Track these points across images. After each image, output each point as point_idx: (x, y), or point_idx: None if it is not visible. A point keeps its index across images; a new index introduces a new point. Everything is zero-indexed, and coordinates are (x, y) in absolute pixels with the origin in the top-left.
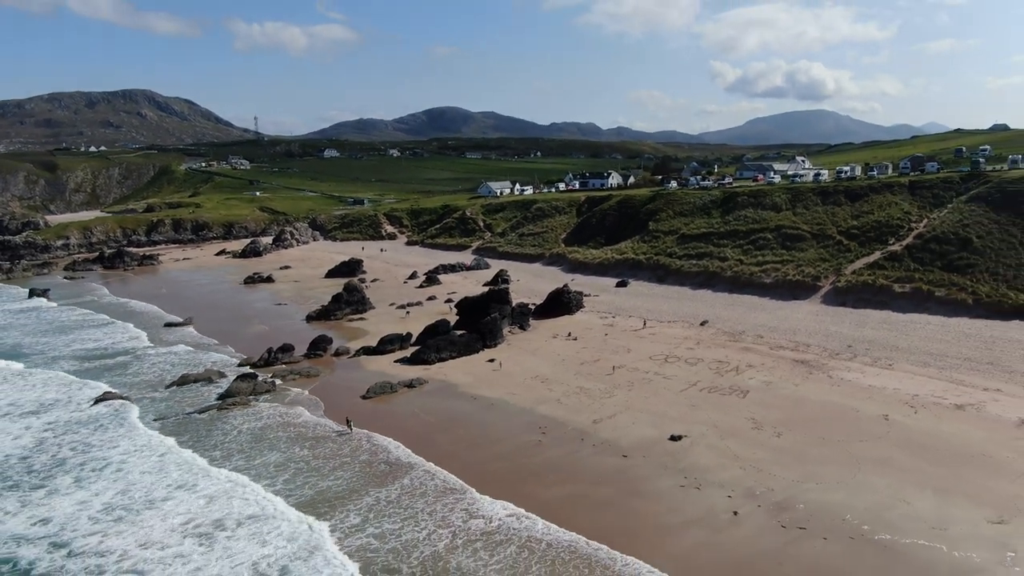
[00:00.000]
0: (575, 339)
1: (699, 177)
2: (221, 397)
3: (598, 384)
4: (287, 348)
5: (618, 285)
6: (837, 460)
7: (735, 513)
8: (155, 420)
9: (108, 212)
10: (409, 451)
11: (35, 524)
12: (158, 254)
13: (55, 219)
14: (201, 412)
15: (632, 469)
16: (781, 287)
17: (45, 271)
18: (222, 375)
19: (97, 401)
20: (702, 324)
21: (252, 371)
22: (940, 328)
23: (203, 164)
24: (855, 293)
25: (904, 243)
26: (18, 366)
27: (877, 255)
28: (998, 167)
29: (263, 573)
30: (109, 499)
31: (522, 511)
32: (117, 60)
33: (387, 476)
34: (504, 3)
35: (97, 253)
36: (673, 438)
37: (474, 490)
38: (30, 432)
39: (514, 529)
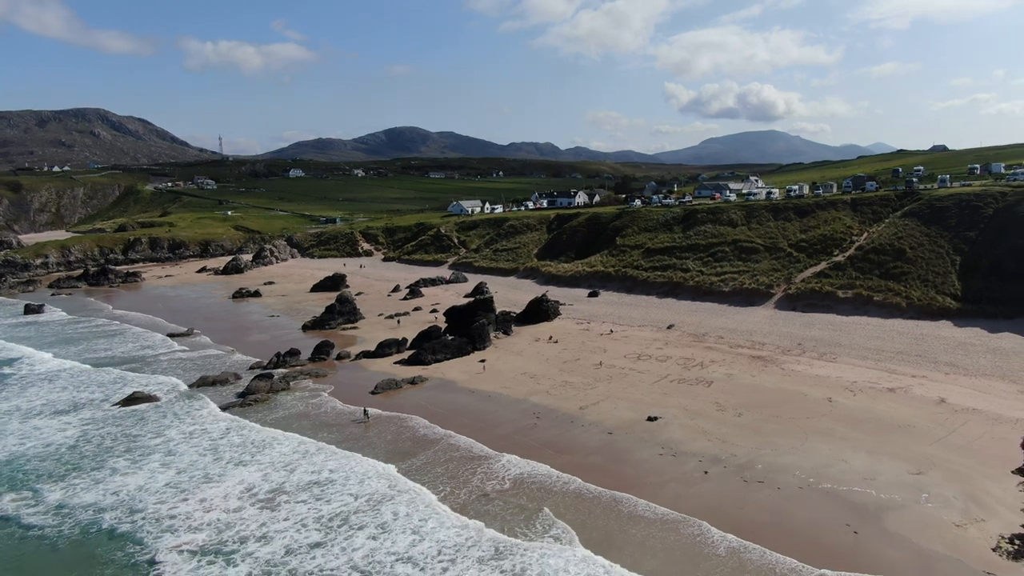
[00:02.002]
0: (556, 342)
1: (661, 195)
2: (241, 395)
3: (581, 378)
4: (294, 352)
5: (590, 295)
6: (788, 432)
7: (705, 472)
8: (186, 413)
9: (74, 232)
10: (436, 426)
11: (108, 496)
12: (140, 271)
13: (24, 239)
14: (225, 408)
15: (617, 443)
16: (739, 295)
17: (30, 288)
18: (238, 376)
19: (127, 400)
20: (669, 328)
21: (266, 372)
22: (878, 328)
23: (169, 184)
24: (804, 299)
25: (847, 254)
26: (47, 366)
27: (823, 265)
28: (929, 186)
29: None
30: (171, 476)
31: (539, 464)
32: (68, 78)
33: (416, 448)
34: (461, 24)
35: (78, 271)
36: (650, 419)
37: (495, 451)
38: (72, 427)
39: (529, 481)
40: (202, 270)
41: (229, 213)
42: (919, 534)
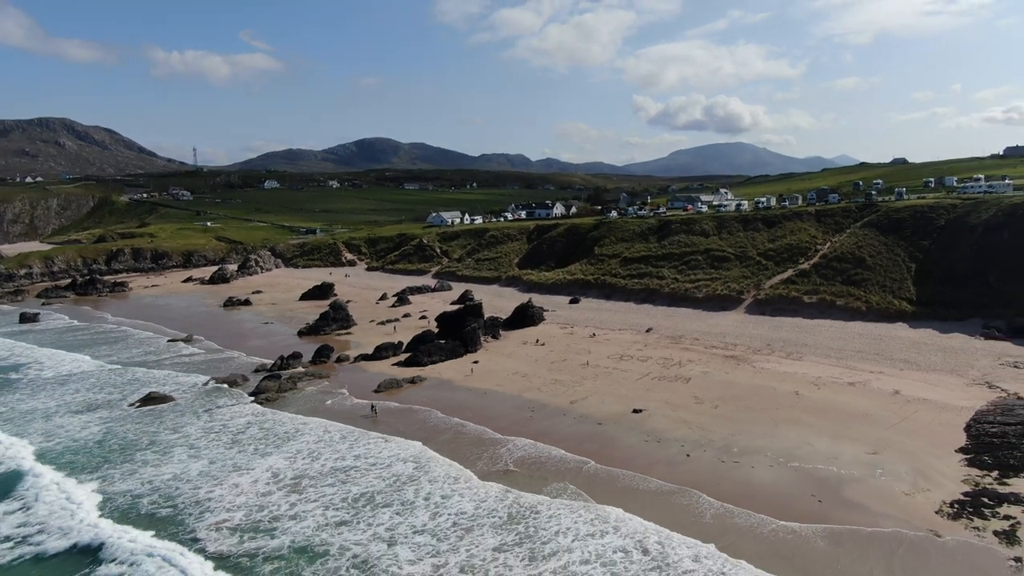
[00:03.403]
0: (543, 345)
1: (636, 207)
2: (253, 394)
3: (569, 377)
4: (296, 355)
5: (571, 302)
6: (760, 421)
7: (688, 455)
8: (204, 411)
9: (49, 243)
10: (448, 416)
11: (144, 484)
12: (127, 281)
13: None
14: (242, 404)
15: (607, 432)
16: (711, 300)
17: (19, 298)
18: (245, 378)
19: (145, 400)
20: (647, 331)
21: (274, 373)
22: (840, 329)
23: (144, 195)
24: (772, 304)
25: (812, 262)
26: (60, 369)
27: (790, 272)
28: (887, 198)
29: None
30: (202, 466)
31: (545, 446)
32: (31, 87)
33: (432, 434)
34: (430, 36)
35: (63, 281)
36: (635, 411)
37: (505, 436)
38: (94, 424)
39: (539, 458)
40: (188, 280)
41: (208, 224)
42: (874, 501)
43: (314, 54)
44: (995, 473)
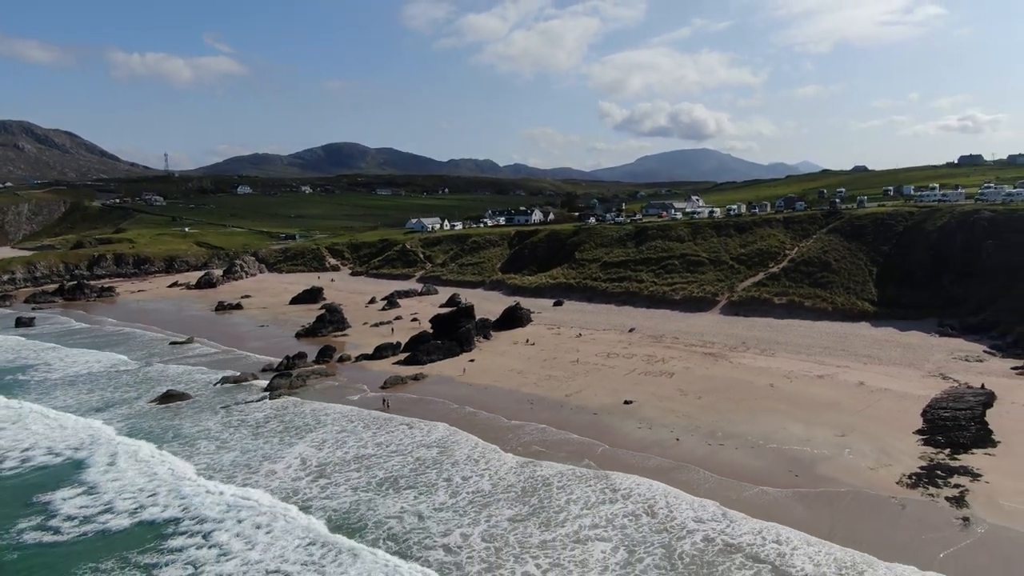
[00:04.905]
0: (533, 344)
1: (614, 213)
2: (267, 390)
3: (561, 373)
4: (301, 355)
5: (555, 304)
6: (740, 410)
7: (677, 439)
8: (222, 407)
9: (21, 249)
10: (463, 406)
11: (172, 476)
12: (113, 286)
13: None
14: (259, 400)
15: (602, 421)
16: (688, 302)
17: (7, 303)
18: (255, 376)
19: (164, 398)
20: (630, 331)
21: (284, 371)
22: (808, 328)
23: (117, 200)
24: (745, 305)
25: (781, 266)
26: (69, 370)
27: (761, 275)
28: (850, 206)
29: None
30: (234, 456)
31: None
32: None
33: (455, 418)
34: (396, 41)
35: (49, 286)
36: (626, 402)
37: (518, 422)
38: (117, 420)
39: (549, 438)
40: (174, 285)
41: (187, 229)
42: (843, 475)
43: (279, 57)
44: (947, 451)
